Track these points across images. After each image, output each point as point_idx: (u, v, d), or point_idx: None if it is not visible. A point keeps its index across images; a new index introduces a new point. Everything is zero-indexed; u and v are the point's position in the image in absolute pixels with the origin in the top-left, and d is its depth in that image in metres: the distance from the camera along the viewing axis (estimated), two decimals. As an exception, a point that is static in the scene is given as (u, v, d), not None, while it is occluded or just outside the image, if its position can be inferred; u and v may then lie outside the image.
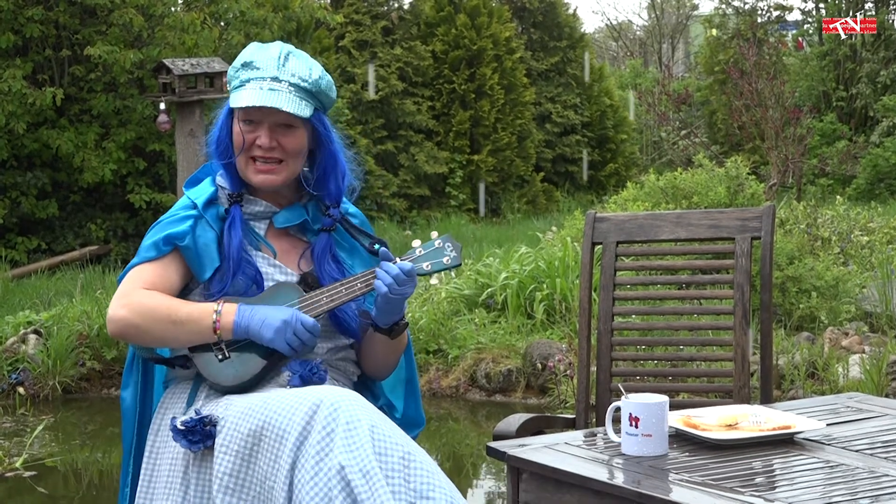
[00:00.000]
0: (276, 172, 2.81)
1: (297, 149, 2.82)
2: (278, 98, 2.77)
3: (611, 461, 2.53)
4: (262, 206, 2.88)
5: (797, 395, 6.49)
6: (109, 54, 10.92)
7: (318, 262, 2.86)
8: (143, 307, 2.70)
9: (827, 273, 7.49)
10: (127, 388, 2.91)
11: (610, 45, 27.84)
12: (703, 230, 3.47)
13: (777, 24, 18.70)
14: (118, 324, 2.72)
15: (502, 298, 8.09)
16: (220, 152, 2.87)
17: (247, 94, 2.79)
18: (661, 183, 8.27)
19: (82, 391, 7.83)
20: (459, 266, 2.91)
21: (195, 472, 2.68)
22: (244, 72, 2.84)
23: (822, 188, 15.38)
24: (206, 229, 2.81)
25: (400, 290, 2.78)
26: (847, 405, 2.95)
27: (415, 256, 2.86)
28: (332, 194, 2.91)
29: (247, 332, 2.70)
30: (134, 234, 11.88)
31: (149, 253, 2.78)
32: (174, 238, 2.77)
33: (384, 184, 14.18)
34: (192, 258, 2.78)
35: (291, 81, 2.80)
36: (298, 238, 2.92)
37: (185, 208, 2.84)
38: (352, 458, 2.47)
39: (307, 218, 2.90)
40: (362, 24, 14.87)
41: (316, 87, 2.82)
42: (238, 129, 2.83)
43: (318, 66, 2.87)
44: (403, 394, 3.06)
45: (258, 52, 2.86)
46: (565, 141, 16.39)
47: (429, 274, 2.87)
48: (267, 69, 2.81)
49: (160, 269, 2.77)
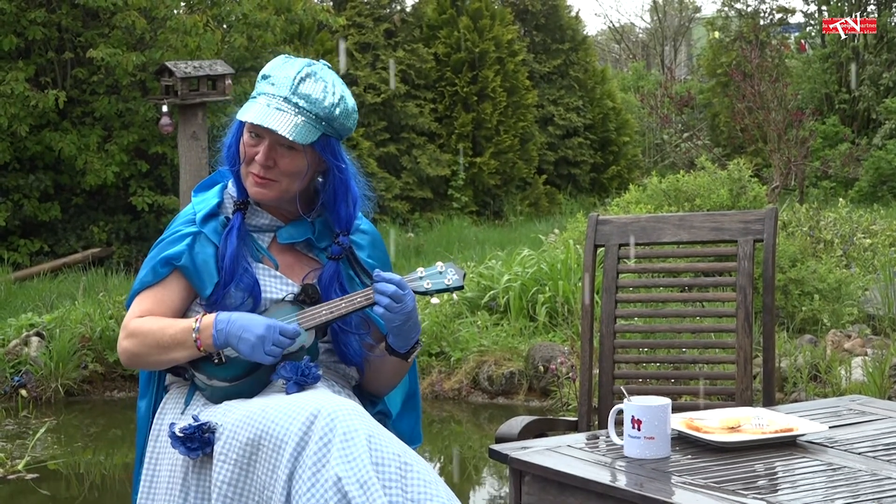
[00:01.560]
0: (269, 188, 2.80)
1: (292, 170, 2.79)
2: (280, 119, 2.74)
3: (613, 464, 2.53)
4: (268, 218, 2.88)
5: (800, 397, 6.49)
6: (112, 57, 10.92)
7: (324, 290, 2.85)
8: (137, 337, 2.75)
9: (829, 275, 7.48)
10: (144, 398, 2.93)
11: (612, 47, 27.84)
12: (706, 233, 3.47)
13: (779, 26, 18.70)
14: (123, 356, 2.80)
15: (505, 301, 8.09)
16: (229, 159, 2.88)
17: (254, 108, 2.78)
18: (663, 185, 8.27)
19: (85, 393, 7.83)
20: (461, 288, 2.90)
21: (195, 479, 2.69)
22: (262, 84, 2.82)
23: (824, 191, 15.36)
24: (205, 245, 2.81)
25: (399, 307, 2.76)
26: (849, 408, 2.95)
27: (415, 277, 2.86)
28: (342, 220, 2.89)
29: (227, 344, 2.71)
30: (136, 237, 11.88)
31: (147, 278, 2.81)
32: (171, 259, 2.79)
33: (386, 186, 14.18)
34: (192, 276, 2.79)
35: (300, 105, 2.76)
36: (304, 254, 2.90)
37: (186, 223, 2.84)
38: (348, 468, 2.47)
39: (311, 237, 2.88)
40: (364, 26, 14.87)
41: (327, 114, 2.78)
42: (243, 139, 2.83)
43: (338, 93, 2.80)
44: (401, 402, 3.06)
45: (279, 68, 2.82)
46: (568, 143, 16.38)
47: (429, 293, 2.86)
48: (281, 87, 2.77)
49: (159, 293, 2.79)
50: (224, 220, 2.85)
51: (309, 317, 2.77)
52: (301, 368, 2.73)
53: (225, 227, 2.84)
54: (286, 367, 2.73)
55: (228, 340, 2.69)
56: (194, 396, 2.80)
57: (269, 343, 2.67)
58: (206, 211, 2.84)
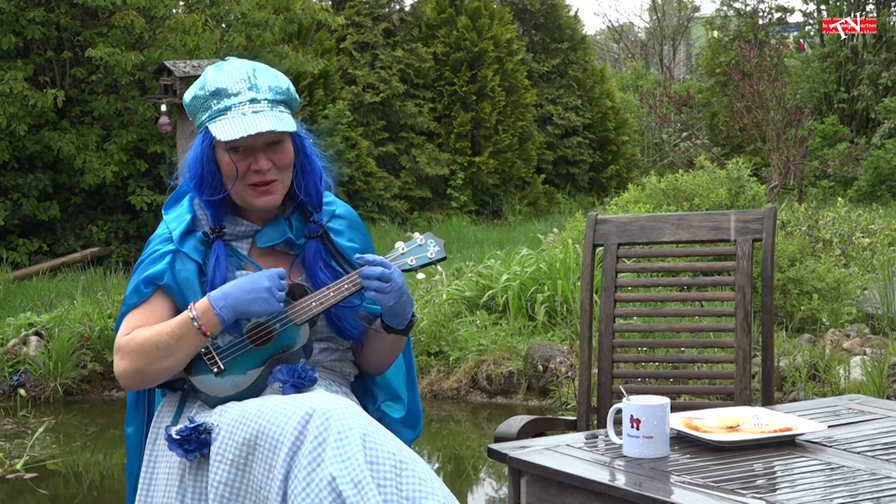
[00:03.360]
0: (275, 191, 2.77)
1: (288, 162, 2.78)
2: (265, 120, 2.71)
3: (612, 463, 2.53)
4: (244, 225, 2.84)
5: (798, 396, 6.49)
6: (111, 56, 10.92)
7: (310, 271, 2.84)
8: (134, 350, 2.71)
9: (828, 275, 7.48)
10: (131, 425, 2.92)
11: (611, 46, 27.85)
12: (705, 232, 3.47)
13: (778, 25, 18.72)
14: (123, 376, 2.74)
15: (503, 300, 8.09)
16: (209, 189, 2.78)
17: (231, 123, 2.71)
18: (662, 185, 8.27)
19: (83, 393, 7.83)
20: (444, 259, 2.90)
21: (191, 481, 2.69)
22: (216, 100, 2.74)
23: (823, 190, 15.37)
24: (186, 262, 2.78)
25: (389, 286, 2.76)
26: (848, 407, 2.95)
27: (398, 255, 2.86)
28: (313, 198, 2.87)
29: (234, 314, 2.69)
30: (135, 236, 11.88)
31: (132, 299, 2.78)
32: (153, 279, 2.76)
33: (385, 185, 14.18)
34: (175, 294, 2.77)
35: (269, 98, 2.74)
36: (285, 252, 2.88)
37: (164, 242, 2.81)
38: (343, 468, 2.47)
39: (290, 235, 2.86)
40: (363, 25, 14.88)
41: (288, 96, 2.78)
42: (228, 159, 2.74)
43: (281, 74, 2.82)
44: (405, 383, 3.05)
45: (224, 77, 2.75)
46: (566, 143, 16.39)
47: (414, 269, 2.85)
48: (241, 92, 2.73)
49: (147, 312, 2.77)
50: (201, 236, 2.81)
51: (300, 311, 2.76)
52: (297, 371, 2.73)
53: (203, 242, 2.81)
54: (283, 371, 2.73)
55: (237, 309, 2.67)
56: (189, 399, 2.80)
57: (276, 290, 2.69)
58: (182, 228, 2.81)
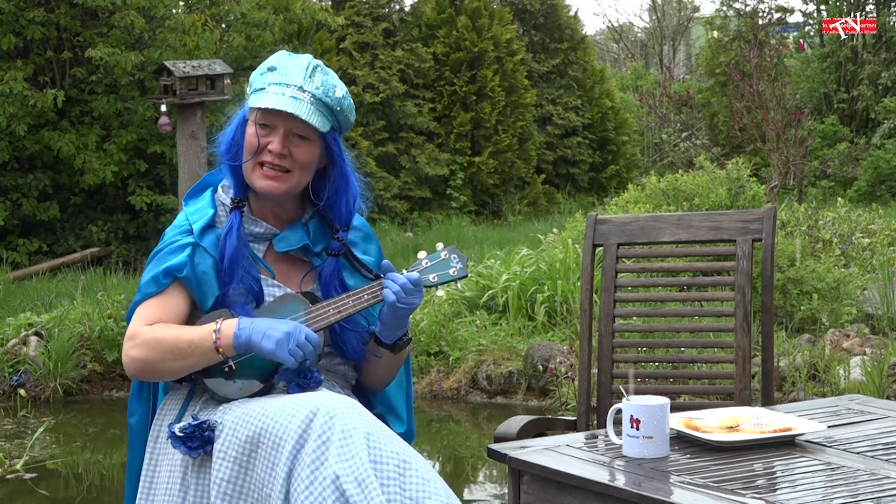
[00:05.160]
0: (282, 181, 2.76)
1: (306, 160, 2.77)
2: (299, 106, 2.72)
3: (612, 463, 2.53)
4: (263, 227, 2.83)
5: (798, 397, 6.49)
6: (110, 56, 10.92)
7: (325, 287, 2.83)
8: (149, 344, 2.68)
9: (828, 275, 7.48)
10: (134, 415, 2.90)
11: (611, 46, 27.84)
12: (705, 232, 3.47)
13: (778, 25, 18.70)
14: (132, 365, 2.72)
15: (503, 300, 8.09)
16: (230, 153, 2.82)
17: (269, 96, 2.74)
18: (662, 185, 8.27)
19: (83, 393, 7.83)
20: (466, 277, 2.89)
21: (194, 478, 2.68)
22: (269, 76, 2.78)
23: (823, 190, 15.36)
24: (205, 256, 2.78)
25: (407, 301, 2.76)
26: (848, 407, 2.95)
27: (421, 268, 2.83)
28: (342, 216, 2.86)
29: (248, 344, 2.65)
30: (135, 236, 11.88)
31: (149, 289, 2.76)
32: (173, 270, 2.75)
33: (385, 185, 14.18)
34: (193, 288, 2.76)
35: (315, 94, 2.75)
36: (300, 259, 2.87)
37: (183, 233, 2.80)
38: (347, 466, 2.47)
39: (307, 242, 2.85)
40: (363, 25, 14.87)
41: (338, 105, 2.78)
42: (253, 130, 2.77)
43: (343, 87, 2.83)
44: (405, 402, 3.05)
45: (287, 60, 2.80)
46: (566, 143, 16.39)
47: (435, 286, 2.83)
48: (293, 77, 2.75)
49: (163, 302, 2.75)
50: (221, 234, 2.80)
51: (317, 317, 2.74)
52: (306, 373, 2.72)
53: (220, 240, 2.80)
54: (287, 372, 2.72)
55: (251, 338, 2.64)
56: (193, 397, 2.79)
57: (293, 342, 2.63)
58: (204, 222, 2.81)
